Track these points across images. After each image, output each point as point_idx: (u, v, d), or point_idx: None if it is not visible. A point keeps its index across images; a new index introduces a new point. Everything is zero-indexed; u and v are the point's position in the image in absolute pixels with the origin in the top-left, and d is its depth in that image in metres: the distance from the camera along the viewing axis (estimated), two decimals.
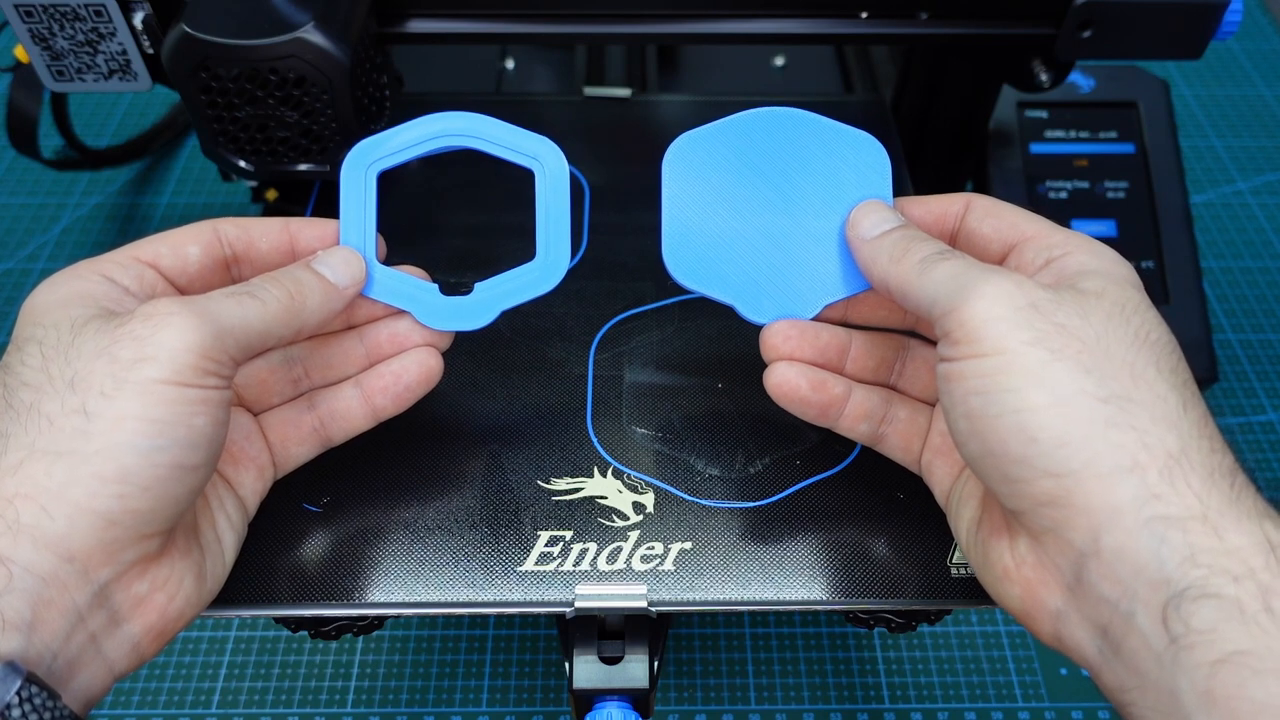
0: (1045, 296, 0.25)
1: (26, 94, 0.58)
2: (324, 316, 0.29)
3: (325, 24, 0.35)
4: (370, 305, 0.32)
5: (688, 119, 0.50)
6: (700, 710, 0.46)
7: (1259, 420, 0.57)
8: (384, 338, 0.32)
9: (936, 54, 0.51)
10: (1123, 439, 0.23)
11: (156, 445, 0.24)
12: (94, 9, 0.37)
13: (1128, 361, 0.24)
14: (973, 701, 0.46)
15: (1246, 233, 0.67)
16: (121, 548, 0.24)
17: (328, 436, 0.32)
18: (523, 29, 0.42)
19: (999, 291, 0.25)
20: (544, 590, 0.31)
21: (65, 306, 0.26)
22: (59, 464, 0.23)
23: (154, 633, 0.26)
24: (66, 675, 0.24)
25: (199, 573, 0.27)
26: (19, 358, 0.25)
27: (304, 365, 0.32)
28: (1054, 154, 0.54)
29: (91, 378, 0.24)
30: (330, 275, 0.30)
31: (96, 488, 0.23)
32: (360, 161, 0.32)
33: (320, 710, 0.46)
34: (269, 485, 0.32)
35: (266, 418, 0.32)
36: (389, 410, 0.32)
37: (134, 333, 0.25)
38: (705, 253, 0.32)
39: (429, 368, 0.32)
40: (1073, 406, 0.23)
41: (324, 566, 0.31)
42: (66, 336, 0.25)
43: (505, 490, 0.34)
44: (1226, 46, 0.81)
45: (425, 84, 0.59)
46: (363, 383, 0.32)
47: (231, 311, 0.26)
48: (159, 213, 0.67)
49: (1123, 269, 0.27)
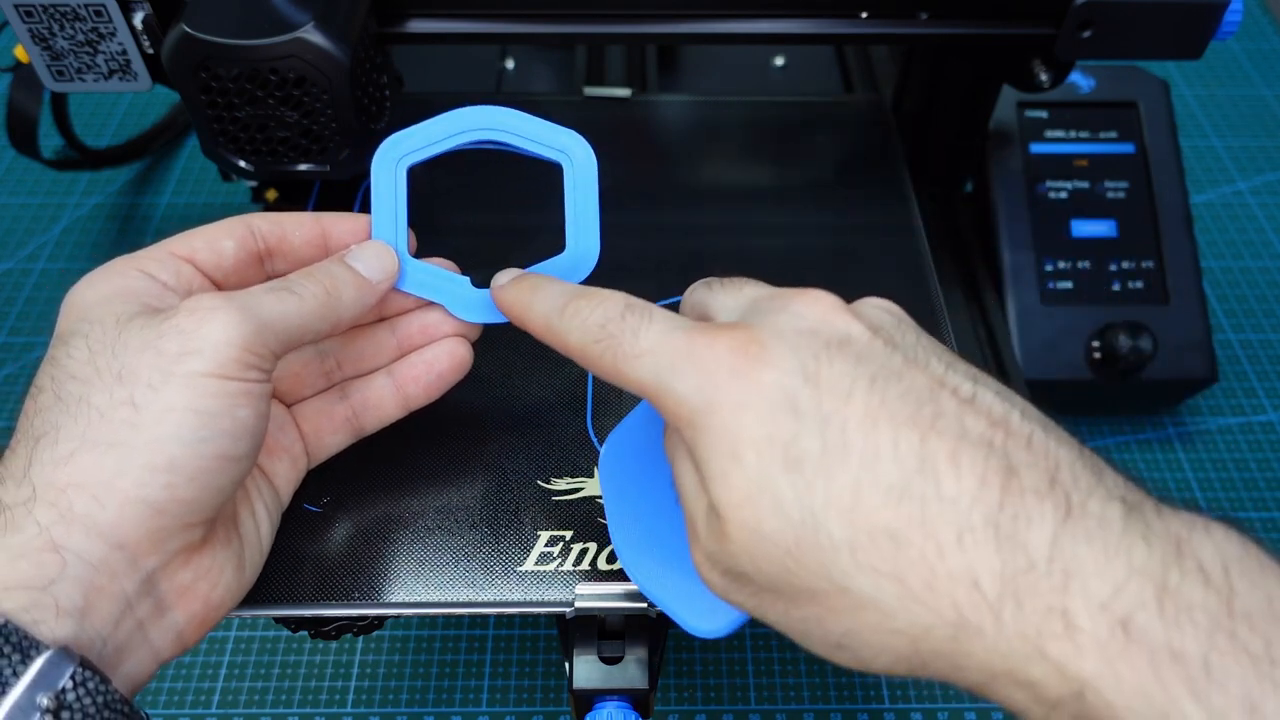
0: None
1: (26, 94, 0.58)
2: (358, 311, 0.30)
3: (325, 24, 0.35)
4: (402, 297, 0.32)
5: (688, 119, 0.50)
6: (700, 710, 0.46)
7: (1259, 420, 0.57)
8: (415, 329, 0.33)
9: (936, 54, 0.51)
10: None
11: (202, 436, 0.25)
12: (94, 9, 0.37)
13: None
14: (973, 701, 0.46)
15: (1246, 233, 0.67)
16: (168, 536, 0.25)
17: (360, 426, 0.33)
18: (523, 29, 0.42)
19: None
20: (544, 590, 0.31)
21: (109, 303, 0.26)
22: (110, 454, 0.24)
23: (197, 620, 0.27)
24: (115, 661, 0.25)
25: (239, 562, 0.28)
26: (65, 351, 0.26)
27: (336, 357, 0.33)
28: (1054, 154, 0.54)
29: (139, 371, 0.25)
30: (364, 270, 0.30)
31: (146, 477, 0.24)
32: (390, 155, 0.32)
33: (320, 710, 0.46)
34: (302, 475, 0.32)
35: (300, 408, 0.32)
36: (420, 399, 0.33)
37: (179, 327, 0.25)
38: (650, 553, 0.29)
39: (460, 357, 0.32)
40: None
41: (324, 566, 0.31)
42: (112, 331, 0.25)
43: (505, 490, 0.34)
44: (1226, 46, 0.81)
45: (425, 84, 0.59)
46: (395, 372, 0.33)
47: (271, 307, 0.27)
48: (159, 213, 0.67)
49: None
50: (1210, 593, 0.19)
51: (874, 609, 0.21)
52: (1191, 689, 0.18)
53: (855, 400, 0.22)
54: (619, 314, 0.25)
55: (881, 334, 0.24)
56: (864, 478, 0.21)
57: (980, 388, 0.22)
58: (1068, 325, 0.51)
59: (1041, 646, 0.19)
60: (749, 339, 0.23)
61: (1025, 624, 0.19)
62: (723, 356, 0.23)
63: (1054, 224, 0.53)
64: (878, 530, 0.21)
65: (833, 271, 0.41)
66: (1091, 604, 0.19)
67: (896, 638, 0.21)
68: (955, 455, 0.21)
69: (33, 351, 0.60)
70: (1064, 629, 0.19)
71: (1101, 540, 0.20)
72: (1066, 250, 0.52)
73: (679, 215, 0.44)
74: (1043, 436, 0.22)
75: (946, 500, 0.20)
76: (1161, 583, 0.19)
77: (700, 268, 0.41)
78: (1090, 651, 0.19)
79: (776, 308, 0.24)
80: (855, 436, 0.21)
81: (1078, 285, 0.52)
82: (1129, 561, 0.19)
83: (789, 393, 0.22)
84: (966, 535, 0.20)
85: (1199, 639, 0.18)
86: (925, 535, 0.20)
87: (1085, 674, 0.19)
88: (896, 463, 0.21)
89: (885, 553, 0.21)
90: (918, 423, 0.21)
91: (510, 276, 0.30)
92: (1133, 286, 0.52)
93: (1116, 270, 0.52)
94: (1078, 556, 0.19)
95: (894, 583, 0.21)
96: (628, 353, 0.24)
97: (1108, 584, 0.19)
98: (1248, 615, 0.18)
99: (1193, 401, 0.57)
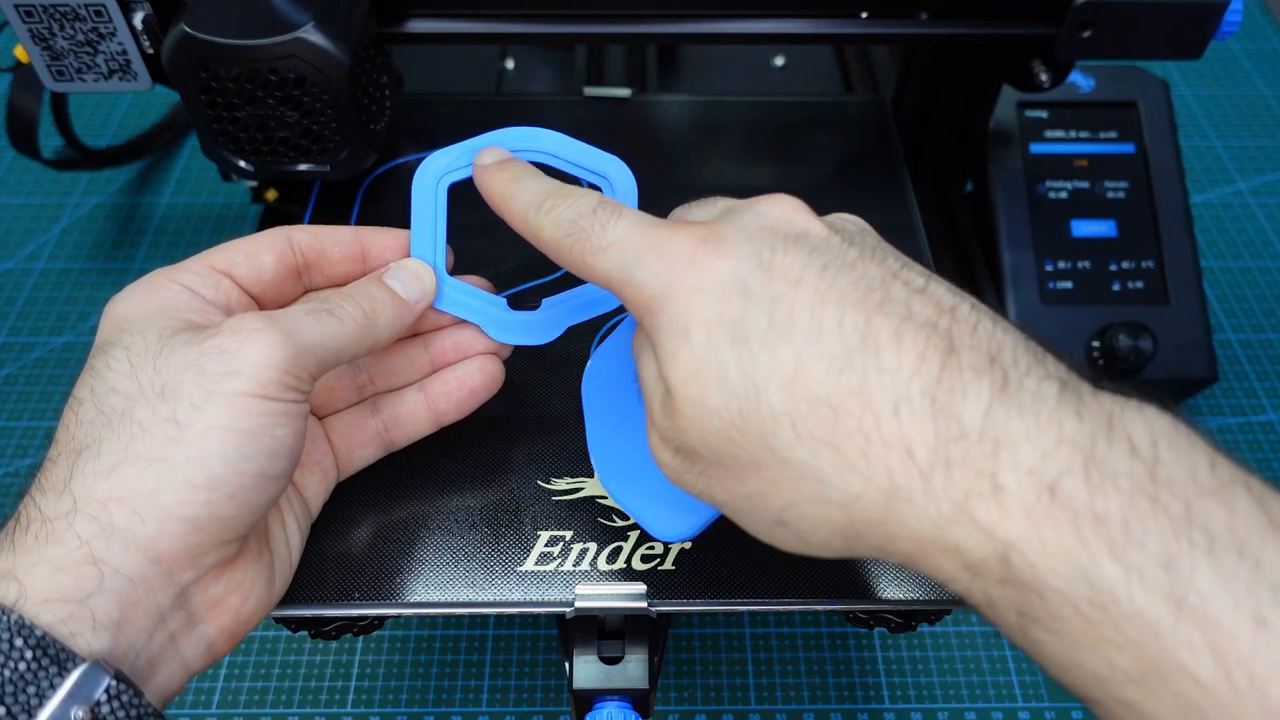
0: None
1: (26, 94, 0.58)
2: (395, 332, 0.30)
3: (325, 24, 0.35)
4: (437, 314, 0.32)
5: (688, 119, 0.50)
6: (700, 710, 0.46)
7: (1259, 420, 0.57)
8: (449, 345, 0.33)
9: (936, 54, 0.51)
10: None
11: (243, 454, 0.25)
12: (94, 9, 0.37)
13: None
14: (973, 701, 0.46)
15: (1246, 233, 0.67)
16: (204, 552, 0.25)
17: (391, 440, 0.33)
18: (523, 29, 0.42)
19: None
20: (544, 590, 0.31)
21: (152, 317, 0.27)
22: (152, 470, 0.24)
23: (227, 633, 0.27)
24: (148, 673, 0.25)
25: (269, 575, 0.28)
26: (105, 362, 0.26)
27: (369, 372, 0.33)
28: (1054, 154, 0.54)
29: (181, 388, 0.25)
30: (402, 291, 0.30)
31: (187, 494, 0.24)
32: (431, 173, 0.32)
33: (320, 710, 0.46)
34: (331, 488, 0.32)
35: (331, 421, 0.32)
36: (451, 415, 0.33)
37: (221, 347, 0.25)
38: (623, 465, 0.31)
39: (492, 374, 0.33)
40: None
41: (324, 567, 0.31)
42: (155, 346, 0.26)
43: (505, 490, 0.34)
44: (1226, 46, 0.81)
45: (425, 84, 0.59)
46: (426, 388, 0.33)
47: (312, 330, 0.27)
48: (159, 212, 0.67)
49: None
50: (1136, 462, 0.19)
51: (812, 478, 0.22)
52: (1111, 548, 0.19)
53: (805, 284, 0.22)
54: (591, 210, 0.26)
55: (841, 234, 0.24)
56: (807, 351, 0.22)
57: (933, 282, 0.23)
58: (1068, 325, 0.51)
59: (970, 510, 0.20)
60: (709, 233, 0.24)
61: (954, 488, 0.20)
62: (684, 246, 0.24)
63: (1054, 224, 0.53)
64: (817, 400, 0.21)
65: None
66: (1020, 470, 0.20)
67: (832, 508, 0.22)
68: (899, 333, 0.21)
69: (32, 351, 0.60)
70: (991, 491, 0.20)
71: (1034, 413, 0.20)
72: (1066, 250, 0.52)
73: None
74: (989, 325, 0.22)
75: (886, 372, 0.21)
76: (1089, 452, 0.20)
77: None
78: (1016, 514, 0.19)
79: (743, 208, 0.25)
80: (802, 315, 0.22)
81: (1078, 285, 0.52)
82: (1059, 433, 0.20)
83: (742, 277, 0.23)
84: (903, 406, 0.21)
85: (1121, 502, 0.19)
86: (863, 406, 0.21)
87: (1010, 536, 0.20)
88: (840, 338, 0.22)
89: (824, 422, 0.21)
90: (865, 305, 0.22)
91: (494, 157, 0.30)
92: (1133, 286, 0.52)
93: (1116, 270, 0.52)
94: (1009, 428, 0.20)
95: (831, 451, 0.21)
96: (596, 245, 0.25)
97: (1036, 451, 0.20)
98: (1170, 482, 0.19)
99: (1193, 401, 0.57)
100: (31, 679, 0.21)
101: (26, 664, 0.21)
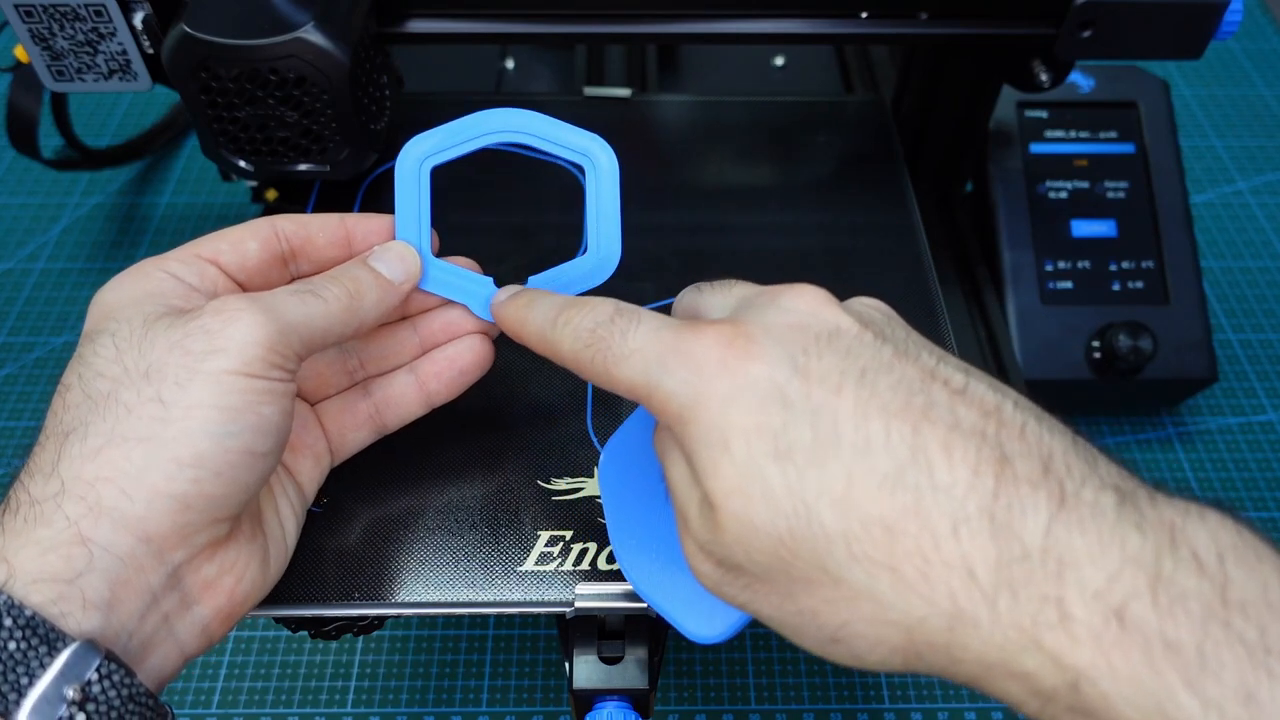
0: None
1: (26, 94, 0.58)
2: (381, 313, 0.30)
3: (325, 24, 0.35)
4: (424, 296, 0.33)
5: (688, 119, 0.50)
6: (700, 710, 0.46)
7: (1259, 420, 0.57)
8: (437, 326, 0.33)
9: (936, 54, 0.51)
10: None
11: (228, 431, 0.25)
12: (94, 9, 0.37)
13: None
14: (972, 701, 0.46)
15: (1246, 233, 0.67)
16: (194, 530, 0.25)
17: (383, 423, 0.33)
18: (523, 29, 0.42)
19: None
20: (544, 590, 0.31)
21: (136, 303, 0.27)
22: (138, 449, 0.24)
23: (222, 615, 0.27)
24: (141, 655, 0.25)
25: (264, 557, 0.28)
26: (91, 349, 0.26)
27: (359, 356, 0.33)
28: (1054, 154, 0.54)
29: (165, 369, 0.25)
30: (386, 272, 0.30)
31: (173, 471, 0.24)
32: (413, 156, 0.32)
33: (320, 710, 0.46)
34: (326, 473, 0.32)
35: (323, 406, 0.33)
36: (443, 395, 0.33)
37: (205, 327, 0.26)
38: (649, 563, 0.29)
39: (482, 353, 0.33)
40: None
41: (324, 567, 0.31)
42: (139, 330, 0.26)
43: (505, 490, 0.34)
44: (1226, 46, 0.81)
45: (425, 84, 0.59)
46: (417, 369, 0.33)
47: (296, 309, 0.27)
48: (159, 212, 0.67)
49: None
50: (1204, 581, 0.19)
51: (869, 600, 0.21)
52: (1186, 678, 0.18)
53: (846, 392, 0.22)
54: (608, 318, 0.25)
55: (871, 327, 0.24)
56: (856, 468, 0.21)
57: (972, 380, 0.23)
58: (1068, 325, 0.51)
59: (1037, 636, 0.19)
60: (736, 333, 0.23)
61: (1020, 614, 0.19)
62: (710, 350, 0.23)
63: (1054, 224, 0.53)
64: (872, 520, 0.21)
65: (833, 271, 0.41)
66: (1086, 593, 0.19)
67: (892, 629, 0.21)
68: (948, 445, 0.21)
69: (32, 351, 0.60)
70: (1059, 619, 0.19)
71: (1095, 529, 0.20)
72: (1066, 250, 0.52)
73: (679, 215, 0.44)
74: (1036, 426, 0.21)
75: (941, 490, 0.20)
76: (1155, 571, 0.19)
77: (700, 268, 0.41)
78: (1085, 641, 0.19)
79: (764, 303, 0.24)
80: (846, 427, 0.21)
81: (1078, 285, 0.52)
82: (1123, 550, 0.19)
83: (778, 384, 0.22)
84: (962, 525, 0.20)
85: (1193, 628, 0.18)
86: (920, 525, 0.20)
87: (1080, 664, 0.19)
88: (889, 452, 0.21)
89: (880, 543, 0.21)
90: (909, 413, 0.21)
91: (509, 293, 0.30)
92: (1133, 286, 0.52)
93: (1116, 270, 0.52)
94: (1072, 546, 0.19)
95: (889, 573, 0.21)
96: (617, 354, 0.24)
97: (1102, 573, 0.19)
98: (1242, 604, 0.18)
99: (1193, 401, 0.57)
100: (21, 659, 0.22)
101: (17, 644, 0.22)
